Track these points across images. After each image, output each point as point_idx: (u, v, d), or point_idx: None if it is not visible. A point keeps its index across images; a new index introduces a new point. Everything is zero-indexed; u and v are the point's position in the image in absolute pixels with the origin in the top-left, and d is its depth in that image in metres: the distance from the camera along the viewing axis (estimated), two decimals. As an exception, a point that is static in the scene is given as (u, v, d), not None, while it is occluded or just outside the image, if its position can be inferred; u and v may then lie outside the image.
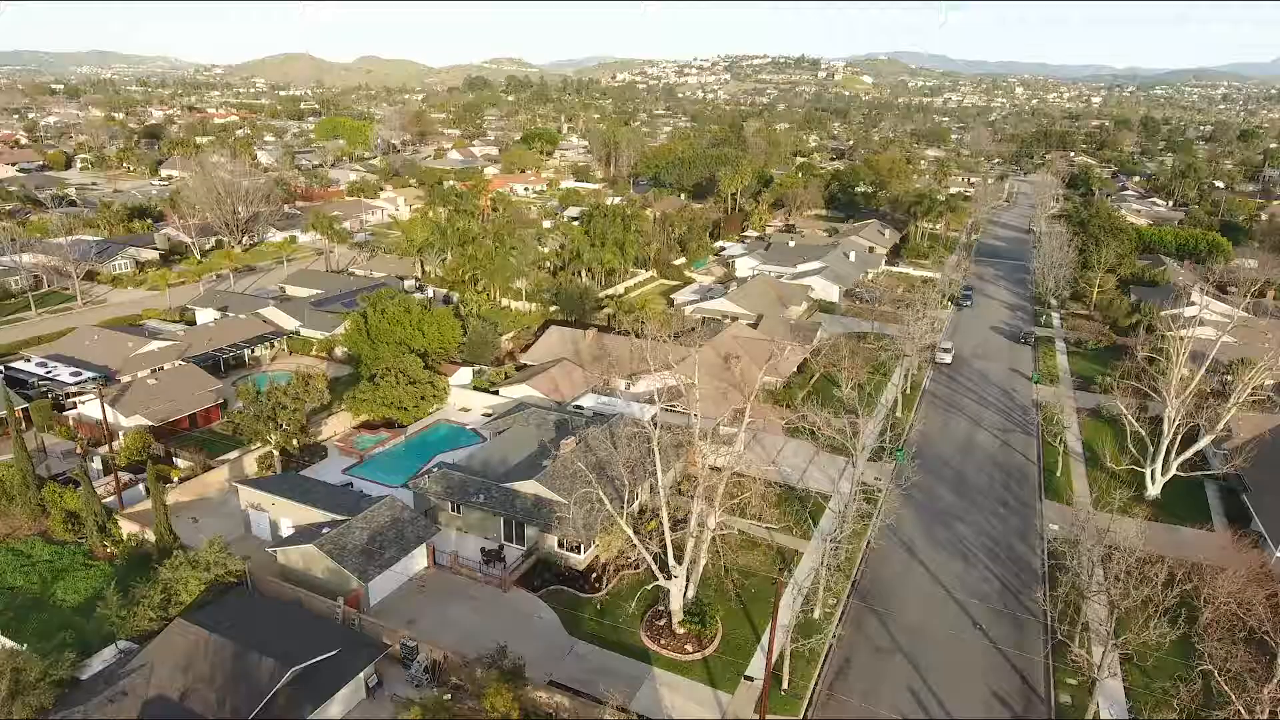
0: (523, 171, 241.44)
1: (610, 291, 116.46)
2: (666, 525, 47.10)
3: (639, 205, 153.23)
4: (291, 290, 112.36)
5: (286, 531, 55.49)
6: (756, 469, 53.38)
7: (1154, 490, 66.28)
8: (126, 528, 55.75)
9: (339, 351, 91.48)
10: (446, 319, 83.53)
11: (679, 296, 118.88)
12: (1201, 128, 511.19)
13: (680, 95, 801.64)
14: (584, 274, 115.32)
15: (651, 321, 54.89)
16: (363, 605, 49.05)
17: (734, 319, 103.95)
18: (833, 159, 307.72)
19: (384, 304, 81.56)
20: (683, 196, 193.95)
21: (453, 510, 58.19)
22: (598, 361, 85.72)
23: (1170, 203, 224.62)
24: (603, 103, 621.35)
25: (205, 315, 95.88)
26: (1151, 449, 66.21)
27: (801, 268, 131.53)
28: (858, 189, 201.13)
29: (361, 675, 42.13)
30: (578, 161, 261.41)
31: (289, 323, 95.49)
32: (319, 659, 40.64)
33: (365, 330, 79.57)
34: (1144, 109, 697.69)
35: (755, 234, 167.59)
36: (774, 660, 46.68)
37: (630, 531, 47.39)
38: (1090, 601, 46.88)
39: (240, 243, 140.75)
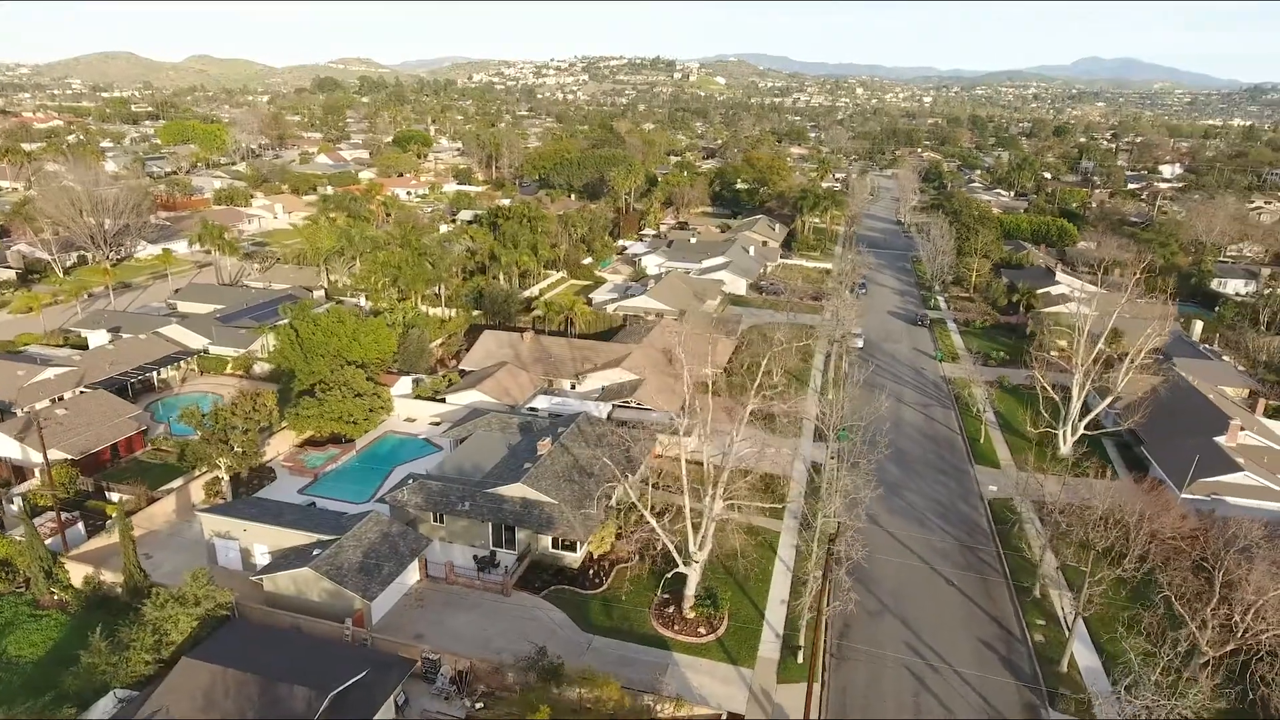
0: (400, 175, 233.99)
1: (526, 294, 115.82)
2: (689, 516, 48.46)
3: (537, 207, 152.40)
4: (185, 306, 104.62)
5: (261, 558, 52.57)
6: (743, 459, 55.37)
7: (1065, 449, 74.12)
8: (77, 571, 50.95)
9: (259, 368, 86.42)
10: (381, 328, 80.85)
11: (597, 295, 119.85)
12: (1021, 124, 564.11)
13: (540, 96, 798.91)
14: (501, 277, 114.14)
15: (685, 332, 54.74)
16: (366, 624, 47.49)
17: (659, 315, 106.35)
18: (705, 158, 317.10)
19: (315, 315, 77.94)
20: (573, 197, 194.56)
21: (435, 521, 56.93)
22: (539, 363, 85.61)
23: (1012, 193, 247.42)
24: (463, 104, 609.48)
25: (98, 337, 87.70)
26: (1063, 413, 73.96)
27: (706, 263, 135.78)
28: (740, 186, 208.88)
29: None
30: (458, 164, 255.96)
31: (195, 341, 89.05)
32: (352, 682, 39.27)
33: (297, 343, 75.73)
34: (969, 108, 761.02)
35: (652, 232, 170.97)
36: (784, 634, 49.55)
37: (655, 522, 48.42)
38: (1049, 551, 52.44)
39: (108, 258, 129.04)
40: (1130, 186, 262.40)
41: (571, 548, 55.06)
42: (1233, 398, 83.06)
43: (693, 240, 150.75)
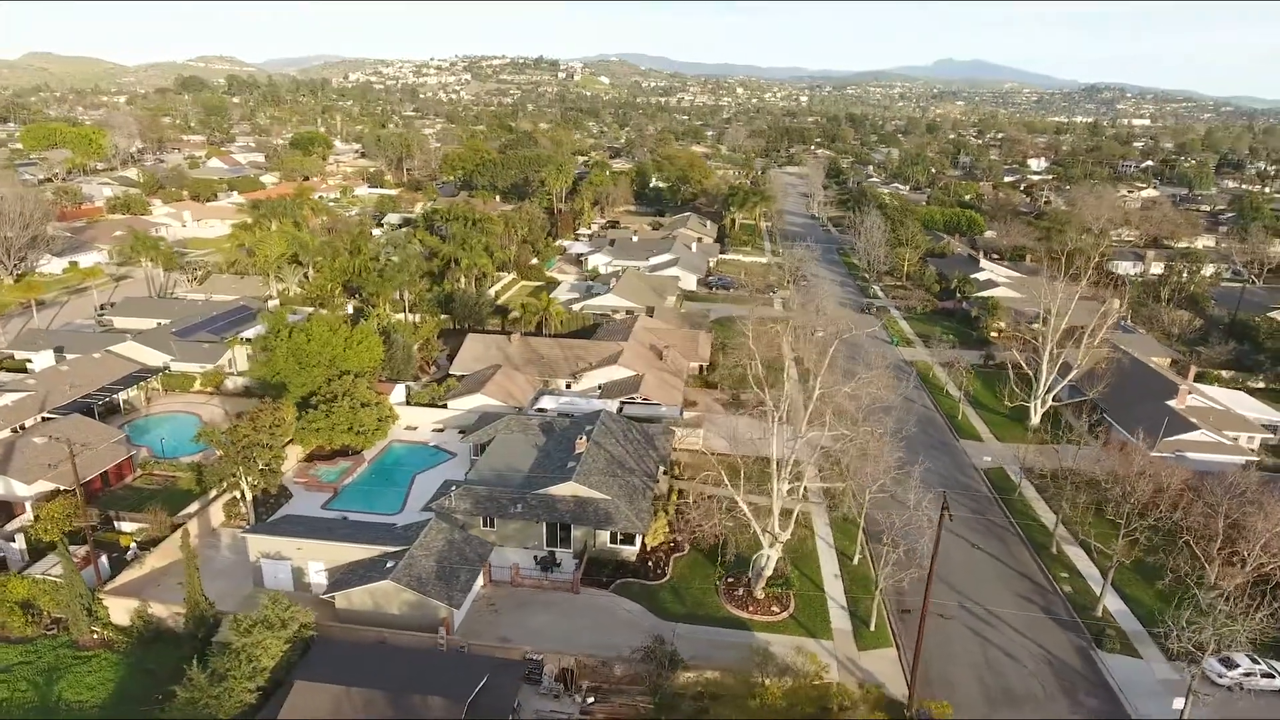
0: (306, 179, 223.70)
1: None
2: (775, 501, 50.29)
3: (468, 208, 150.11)
4: (123, 322, 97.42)
5: (317, 576, 50.73)
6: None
7: (1035, 420, 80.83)
8: (117, 606, 47.51)
9: (232, 383, 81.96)
10: (371, 336, 78.45)
11: (557, 295, 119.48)
12: (895, 122, 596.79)
13: (422, 95, 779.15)
14: (463, 280, 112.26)
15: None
16: (451, 632, 46.86)
17: (629, 312, 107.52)
18: (610, 157, 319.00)
19: (303, 324, 74.86)
20: (498, 199, 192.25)
21: (485, 525, 56.45)
22: (531, 364, 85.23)
23: (908, 187, 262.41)
24: (344, 104, 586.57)
25: (43, 359, 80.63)
26: (1034, 388, 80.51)
27: (653, 260, 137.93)
28: (662, 185, 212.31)
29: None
30: (366, 166, 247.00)
31: (155, 358, 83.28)
32: (480, 687, 38.99)
33: (290, 354, 72.51)
34: (844, 106, 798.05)
35: (587, 231, 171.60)
36: (849, 606, 52.40)
37: (745, 507, 49.95)
38: (1062, 510, 57.73)
39: (10, 273, 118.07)
40: (1007, 179, 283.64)
41: (629, 541, 55.89)
42: (1160, 366, 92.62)
43: (634, 239, 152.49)
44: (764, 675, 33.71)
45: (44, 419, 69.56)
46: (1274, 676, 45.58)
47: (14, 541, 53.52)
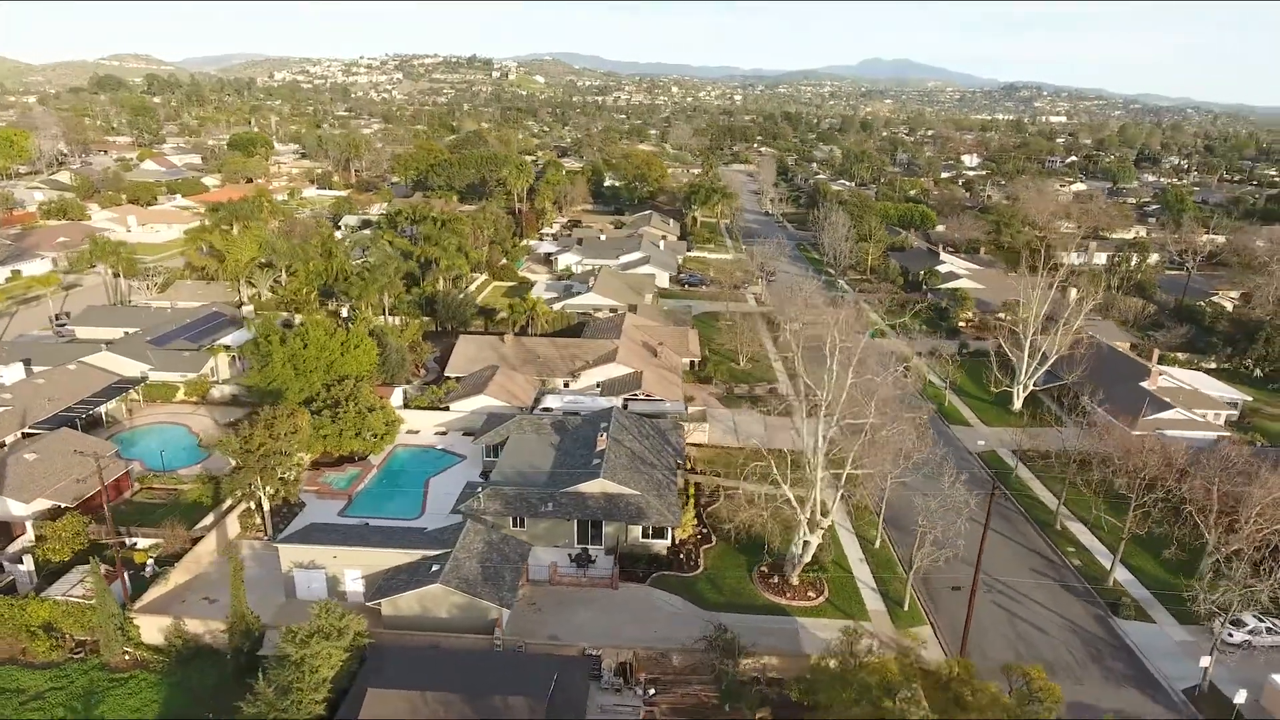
0: (249, 180, 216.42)
1: (462, 297, 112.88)
2: (818, 489, 51.47)
3: (426, 208, 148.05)
4: (86, 331, 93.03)
5: (354, 584, 49.82)
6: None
7: (1018, 405, 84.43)
8: (148, 625, 45.76)
9: (219, 392, 79.27)
10: (365, 339, 76.94)
11: (535, 295, 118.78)
12: (829, 120, 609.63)
13: (354, 95, 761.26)
14: (441, 282, 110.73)
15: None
16: (505, 631, 46.65)
17: (612, 310, 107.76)
18: (560, 156, 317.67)
19: (298, 329, 73.01)
20: (456, 200, 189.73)
21: (514, 525, 56.27)
22: (528, 364, 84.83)
23: (854, 183, 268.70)
24: (273, 103, 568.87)
25: (12, 372, 76.49)
26: (1016, 374, 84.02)
27: (624, 259, 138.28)
28: (616, 184, 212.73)
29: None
30: (313, 167, 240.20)
31: (132, 368, 79.89)
32: (554, 684, 39.05)
33: (288, 360, 70.63)
34: (777, 105, 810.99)
35: (550, 231, 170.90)
36: (880, 589, 54.11)
37: (792, 496, 50.93)
38: (1064, 488, 60.72)
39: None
40: (945, 175, 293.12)
41: (661, 534, 56.45)
42: (1124, 350, 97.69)
43: (602, 238, 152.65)
44: (854, 656, 34.72)
45: (24, 434, 66.25)
46: (1279, 633, 48.99)
47: (21, 563, 50.86)
